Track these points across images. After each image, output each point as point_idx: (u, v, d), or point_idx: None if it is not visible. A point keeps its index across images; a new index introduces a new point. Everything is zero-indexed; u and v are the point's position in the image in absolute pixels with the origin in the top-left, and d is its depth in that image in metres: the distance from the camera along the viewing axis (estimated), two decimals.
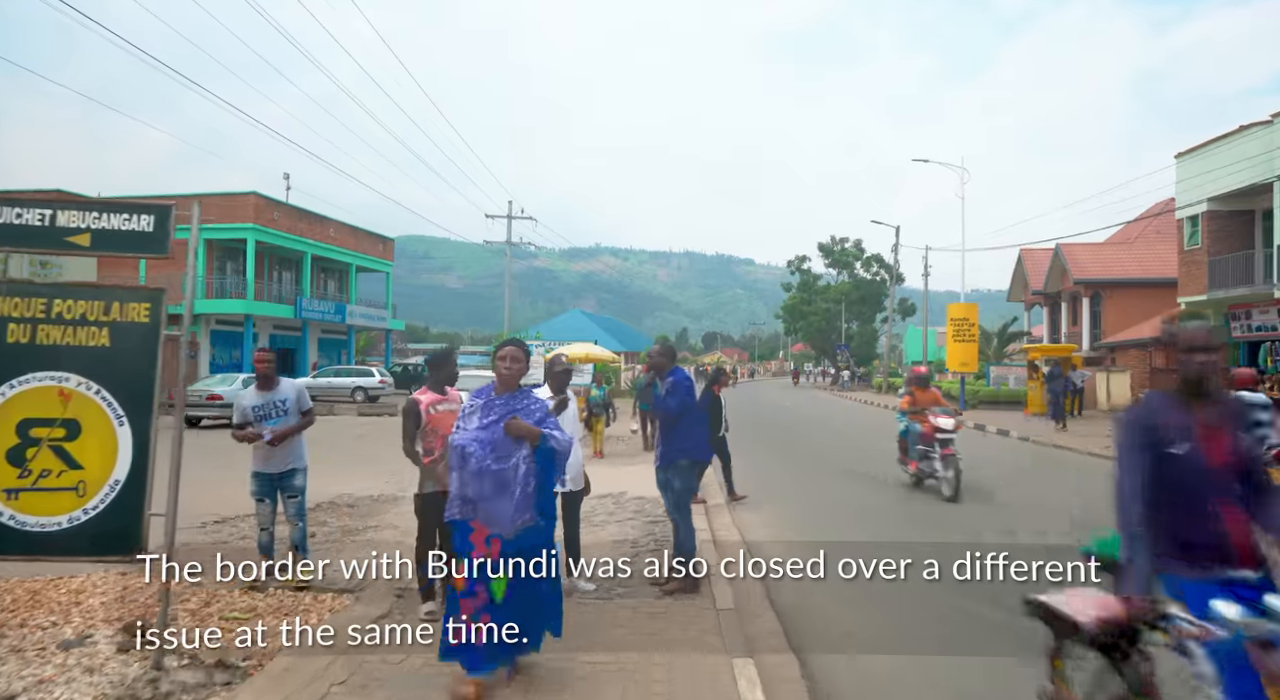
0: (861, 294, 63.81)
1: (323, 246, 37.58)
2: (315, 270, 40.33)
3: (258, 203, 32.63)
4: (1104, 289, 35.06)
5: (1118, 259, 35.54)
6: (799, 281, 66.26)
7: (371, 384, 31.71)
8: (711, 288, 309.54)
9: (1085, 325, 35.76)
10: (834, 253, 64.55)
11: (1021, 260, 41.29)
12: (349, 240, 40.12)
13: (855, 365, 60.54)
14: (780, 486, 11.81)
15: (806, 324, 64.69)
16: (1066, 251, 35.89)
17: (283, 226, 34.36)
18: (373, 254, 42.29)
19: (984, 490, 11.00)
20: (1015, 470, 13.94)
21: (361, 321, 40.51)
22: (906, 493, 10.96)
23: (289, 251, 36.36)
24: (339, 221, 39.26)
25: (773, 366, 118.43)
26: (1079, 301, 37.17)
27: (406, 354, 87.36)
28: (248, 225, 32.28)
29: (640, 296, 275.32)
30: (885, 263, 63.94)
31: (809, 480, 12.64)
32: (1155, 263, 35.43)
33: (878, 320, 66.80)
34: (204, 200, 27.64)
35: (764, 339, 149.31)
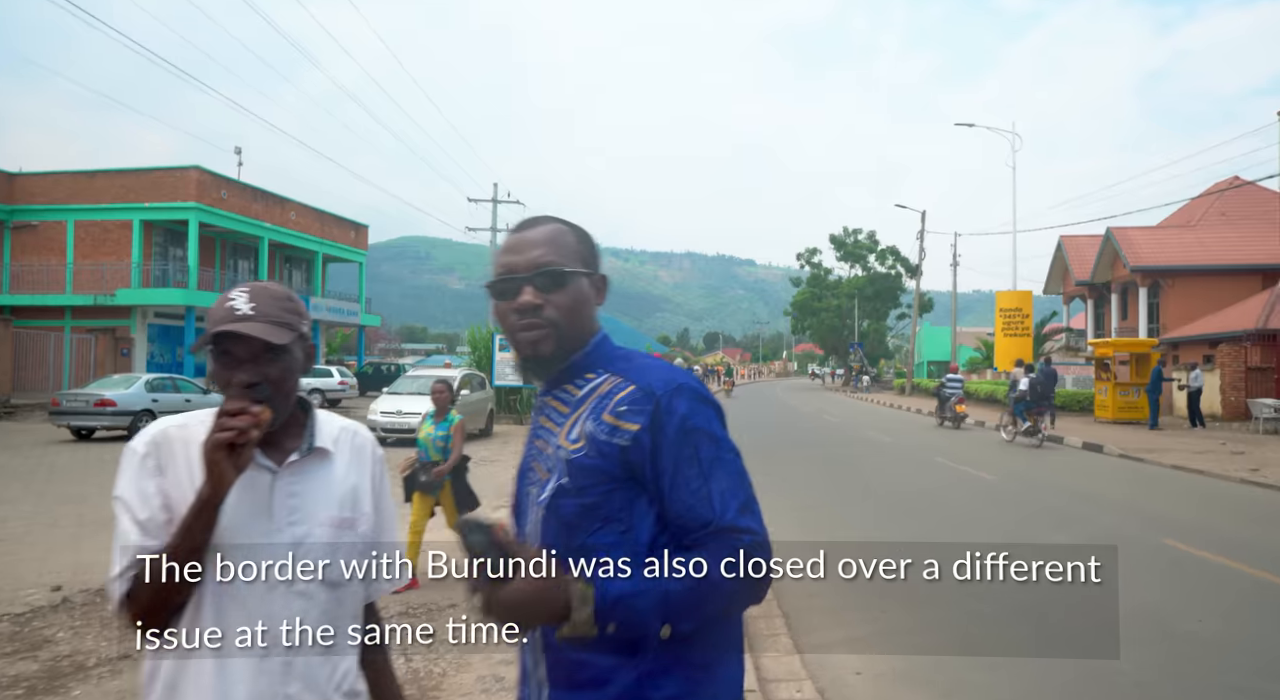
0: (875, 289, 59.82)
1: (282, 231, 33.55)
2: (277, 258, 36.30)
3: (201, 179, 28.61)
4: (1165, 277, 30.97)
5: (1180, 243, 31.45)
6: (809, 276, 62.26)
7: (330, 386, 27.71)
8: (713, 288, 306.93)
9: (1142, 319, 31.64)
10: (846, 245, 60.55)
11: (1062, 247, 37.20)
12: (314, 225, 36.08)
13: (868, 365, 56.49)
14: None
15: (817, 321, 60.67)
16: (1120, 236, 31.81)
17: (233, 207, 30.33)
18: (343, 241, 38.25)
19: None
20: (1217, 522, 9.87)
21: (329, 316, 36.45)
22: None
23: (244, 236, 32.35)
24: (302, 204, 35.22)
25: (777, 367, 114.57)
26: (1131, 292, 33.08)
27: (401, 354, 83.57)
28: (190, 204, 28.26)
29: (642, 297, 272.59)
30: (901, 256, 60.02)
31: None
32: (1220, 248, 31.40)
33: (892, 317, 62.88)
34: (139, 175, 23.36)
35: (767, 339, 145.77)
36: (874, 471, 12.57)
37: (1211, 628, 4.98)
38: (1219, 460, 13.64)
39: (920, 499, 9.90)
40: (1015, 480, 11.73)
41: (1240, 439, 17.35)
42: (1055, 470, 13.08)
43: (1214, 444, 16.26)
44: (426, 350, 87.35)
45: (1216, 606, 5.42)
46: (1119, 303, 34.11)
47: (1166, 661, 4.44)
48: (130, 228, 28.20)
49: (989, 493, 10.44)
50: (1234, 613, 5.33)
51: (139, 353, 28.15)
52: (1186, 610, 5.30)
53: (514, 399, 23.14)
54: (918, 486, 10.96)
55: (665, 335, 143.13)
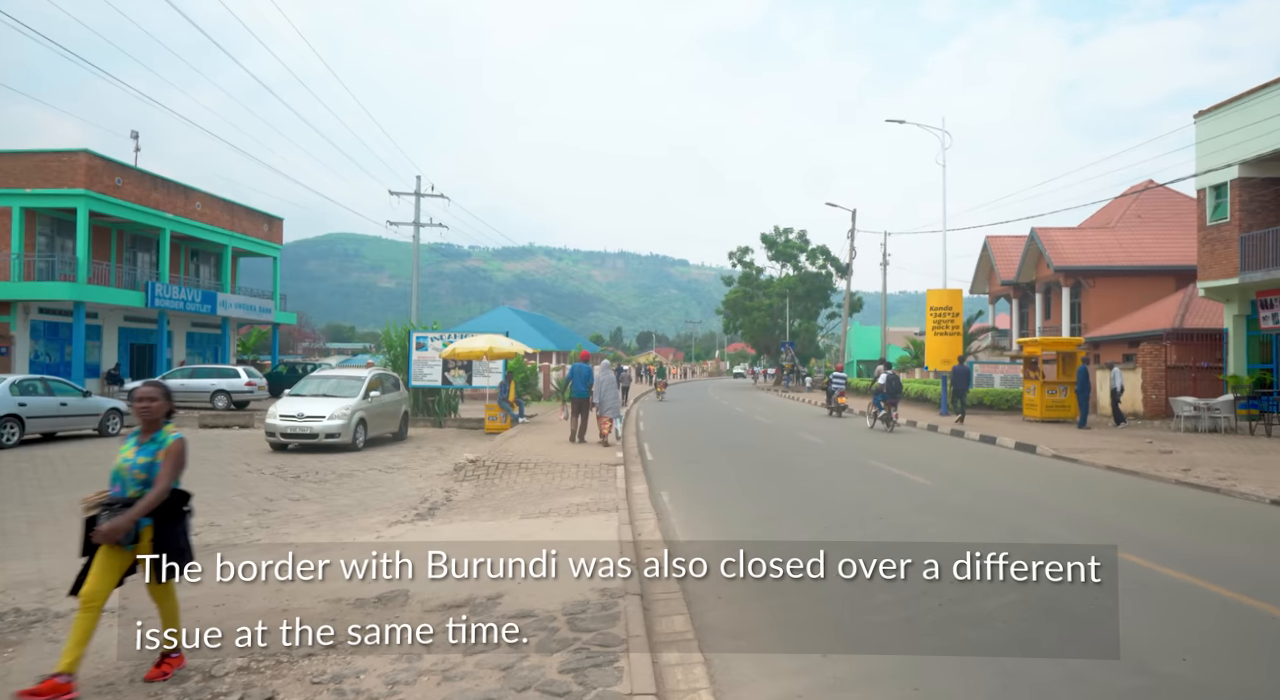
0: (807, 288, 60.07)
1: (187, 222, 31.44)
2: (182, 252, 34.10)
3: (91, 164, 26.46)
4: (1086, 278, 31.51)
5: (1100, 244, 32.05)
6: (741, 275, 62.14)
7: (236, 387, 25.94)
8: (646, 288, 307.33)
9: (1065, 318, 32.15)
10: (777, 244, 60.66)
11: (988, 247, 37.66)
12: (223, 217, 33.99)
13: (799, 364, 56.62)
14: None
15: (749, 320, 60.58)
16: (1044, 236, 32.26)
17: (128, 195, 28.20)
18: (255, 235, 36.17)
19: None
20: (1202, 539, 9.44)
21: (239, 313, 34.40)
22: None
23: (143, 227, 30.16)
24: (208, 194, 33.11)
25: (709, 366, 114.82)
26: (1055, 292, 33.61)
27: (327, 353, 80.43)
28: (78, 191, 26.10)
29: (575, 296, 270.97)
30: (831, 255, 60.44)
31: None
32: (1137, 249, 32.12)
33: (822, 316, 63.28)
34: (19, 159, 21.08)
35: (699, 338, 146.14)
36: (806, 474, 11.95)
37: (1198, 667, 4.35)
38: (1150, 460, 13.46)
39: (860, 508, 9.25)
40: (953, 485, 11.23)
41: (1165, 437, 17.39)
42: (991, 472, 12.68)
43: (1141, 443, 16.20)
44: (353, 349, 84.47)
45: (1200, 640, 4.81)
46: (1043, 302, 34.64)
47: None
48: (10, 215, 25.90)
49: (928, 498, 9.89)
50: (1220, 648, 4.73)
51: (20, 352, 25.89)
52: (1167, 645, 4.67)
53: (432, 400, 21.92)
54: (856, 494, 10.34)
55: (599, 334, 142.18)
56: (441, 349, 20.15)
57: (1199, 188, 21.31)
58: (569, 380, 15.45)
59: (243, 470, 12.70)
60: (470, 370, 20.92)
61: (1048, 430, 19.13)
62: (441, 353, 20.08)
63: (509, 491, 10.34)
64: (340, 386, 16.48)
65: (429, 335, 21.20)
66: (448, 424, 21.48)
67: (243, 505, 9.67)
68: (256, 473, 12.43)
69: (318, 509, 9.41)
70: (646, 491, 10.25)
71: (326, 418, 15.20)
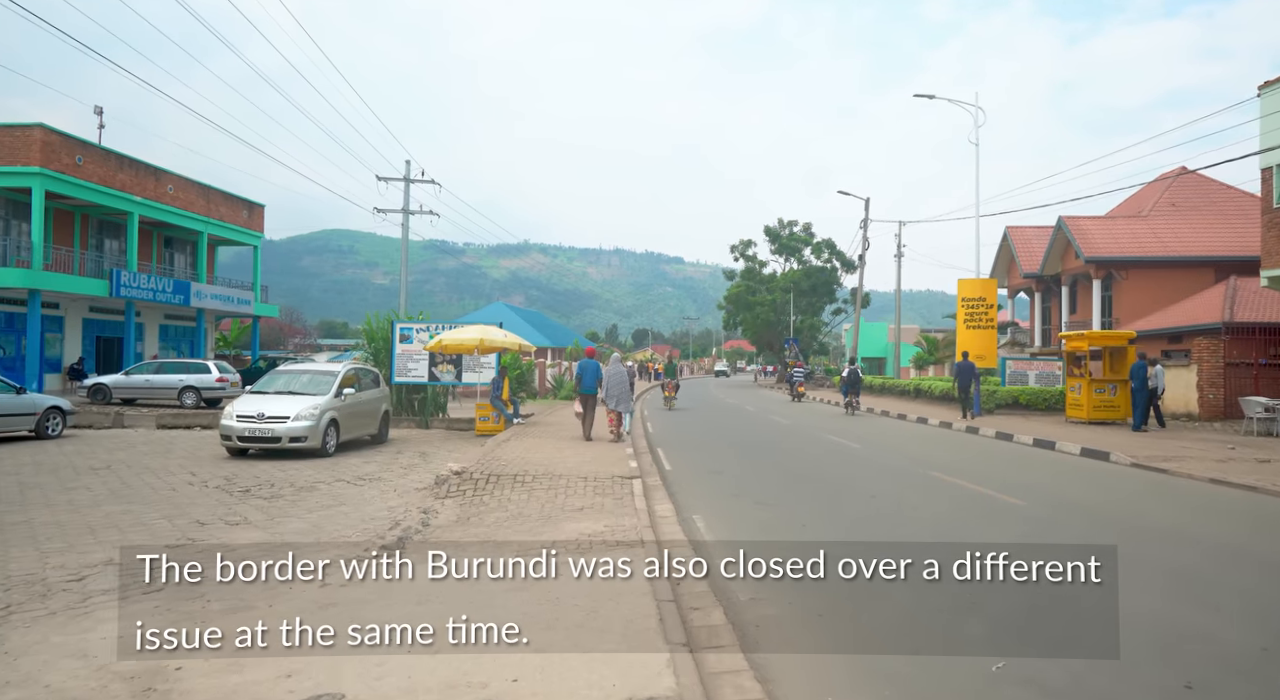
0: (811, 283, 58.07)
1: (157, 206, 29.31)
2: (154, 239, 31.99)
3: (48, 139, 24.31)
4: (1119, 269, 29.60)
5: (1133, 234, 30.14)
6: (743, 269, 60.11)
7: (207, 383, 23.83)
8: (641, 285, 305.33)
9: (1096, 312, 30.23)
10: (781, 237, 58.70)
11: (1009, 238, 35.75)
12: (198, 202, 31.86)
13: (803, 361, 54.66)
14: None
15: (751, 316, 58.52)
16: (1073, 225, 30.34)
17: (91, 175, 26.07)
18: (233, 221, 34.05)
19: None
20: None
21: (215, 305, 32.26)
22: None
23: (109, 210, 28.05)
24: (181, 176, 30.97)
25: (707, 364, 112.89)
26: (1083, 285, 31.70)
27: (319, 350, 78.16)
28: (32, 170, 23.96)
29: (570, 294, 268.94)
30: (837, 249, 58.49)
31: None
32: (1173, 239, 30.23)
33: (826, 312, 61.32)
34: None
35: (696, 335, 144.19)
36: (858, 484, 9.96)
37: None
38: (1254, 470, 11.51)
39: (937, 526, 7.28)
40: (1053, 508, 9.26)
41: (1238, 442, 15.47)
42: (1087, 488, 10.72)
43: (1220, 449, 14.27)
44: (345, 346, 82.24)
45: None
46: (1069, 295, 32.74)
47: None
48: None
49: (1033, 528, 7.92)
50: None
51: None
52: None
53: (417, 398, 19.88)
54: (945, 519, 8.36)
55: (594, 331, 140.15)
56: (428, 341, 18.12)
57: (1263, 166, 19.38)
58: (579, 377, 15.40)
59: (184, 481, 10.66)
60: (460, 365, 18.90)
61: (1101, 433, 17.19)
62: (428, 345, 18.04)
63: (501, 513, 8.33)
64: (310, 383, 14.43)
65: (414, 326, 19.14)
66: (435, 425, 19.44)
67: (162, 532, 7.64)
68: (200, 485, 10.39)
69: (254, 539, 7.38)
70: (674, 514, 8.26)
71: (291, 418, 13.15)
